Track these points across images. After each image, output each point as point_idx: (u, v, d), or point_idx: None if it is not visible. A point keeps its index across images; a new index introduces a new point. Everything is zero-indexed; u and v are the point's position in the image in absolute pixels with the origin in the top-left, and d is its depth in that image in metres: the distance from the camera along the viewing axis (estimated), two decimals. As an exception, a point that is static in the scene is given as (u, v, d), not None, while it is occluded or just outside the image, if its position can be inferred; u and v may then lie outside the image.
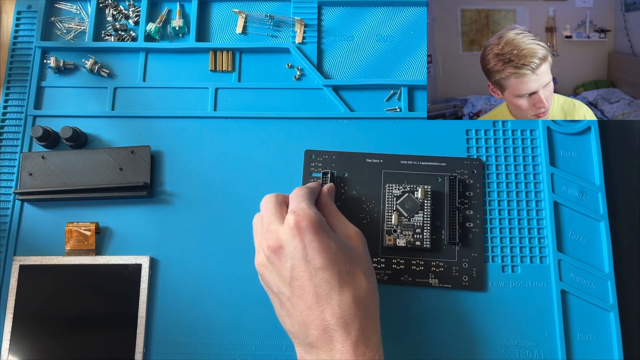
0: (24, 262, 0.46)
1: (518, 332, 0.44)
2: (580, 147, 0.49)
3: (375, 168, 0.47)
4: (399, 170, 0.47)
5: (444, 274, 0.45)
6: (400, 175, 0.47)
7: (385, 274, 0.45)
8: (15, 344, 0.44)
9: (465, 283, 0.45)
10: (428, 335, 0.44)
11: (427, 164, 0.47)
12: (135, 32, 0.54)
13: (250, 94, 0.51)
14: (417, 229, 0.45)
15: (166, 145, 0.50)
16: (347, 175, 0.47)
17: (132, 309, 0.45)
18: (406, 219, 0.45)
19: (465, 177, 0.47)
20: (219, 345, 0.45)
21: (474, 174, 0.47)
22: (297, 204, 0.39)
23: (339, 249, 0.37)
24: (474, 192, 0.47)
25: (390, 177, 0.47)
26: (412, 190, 0.46)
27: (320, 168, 0.47)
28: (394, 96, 0.51)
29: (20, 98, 0.51)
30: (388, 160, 0.47)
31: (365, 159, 0.47)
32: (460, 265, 0.45)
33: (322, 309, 0.36)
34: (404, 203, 0.46)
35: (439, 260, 0.45)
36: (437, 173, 0.47)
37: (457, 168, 0.47)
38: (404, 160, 0.47)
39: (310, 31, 0.53)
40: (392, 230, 0.45)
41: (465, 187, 0.47)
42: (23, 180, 0.48)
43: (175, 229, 0.47)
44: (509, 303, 0.45)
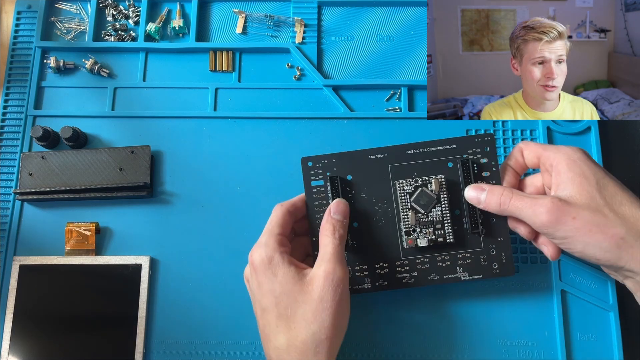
0: (24, 262, 0.46)
1: (518, 332, 0.44)
2: (581, 147, 0.49)
3: (381, 164, 0.42)
4: (406, 162, 0.42)
5: (472, 265, 0.42)
6: (409, 167, 0.42)
7: (411, 277, 0.42)
8: (15, 344, 0.44)
9: (496, 270, 0.42)
10: (428, 335, 0.44)
11: (435, 149, 0.42)
12: (135, 32, 0.54)
13: (250, 94, 0.51)
14: (437, 225, 0.42)
15: (166, 145, 0.50)
16: (351, 178, 0.42)
17: (132, 309, 0.45)
18: (424, 215, 0.42)
19: (478, 156, 0.42)
20: (219, 345, 0.45)
21: (488, 152, 0.42)
22: (261, 236, 0.39)
23: (283, 292, 0.36)
24: (490, 172, 0.42)
25: (398, 171, 0.42)
26: (425, 183, 0.42)
27: (320, 175, 0.42)
28: (394, 96, 0.51)
29: (20, 98, 0.51)
30: (393, 153, 0.42)
31: (368, 156, 0.42)
32: (488, 252, 0.42)
33: (265, 345, 0.38)
34: (419, 199, 0.42)
35: (464, 251, 0.42)
36: (448, 157, 0.42)
37: (469, 148, 0.42)
38: (409, 149, 0.42)
39: (310, 31, 0.53)
40: (411, 230, 0.42)
41: (480, 167, 0.42)
42: (23, 180, 0.48)
43: (175, 229, 0.47)
44: (509, 303, 0.45)
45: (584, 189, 0.36)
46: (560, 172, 0.38)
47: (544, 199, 0.37)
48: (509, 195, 0.38)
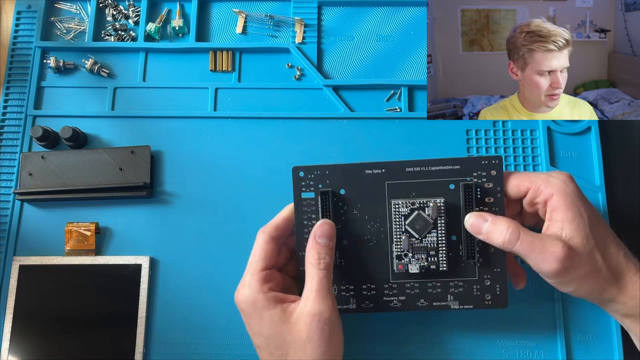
0: (24, 262, 0.46)
1: (518, 332, 0.44)
2: (580, 147, 0.49)
3: (377, 180, 0.39)
4: (405, 180, 0.39)
5: (464, 294, 0.40)
6: (407, 185, 0.39)
7: (398, 301, 0.40)
8: (15, 344, 0.44)
9: (488, 302, 0.40)
10: (428, 336, 0.44)
11: (438, 168, 0.39)
12: (135, 32, 0.54)
13: (250, 94, 0.51)
14: (431, 251, 0.39)
15: (166, 145, 0.50)
16: (344, 193, 0.39)
17: (132, 309, 0.45)
18: (417, 240, 0.39)
19: (483, 180, 0.39)
20: (219, 345, 0.45)
21: (494, 176, 0.38)
22: (246, 271, 0.39)
23: (272, 334, 0.36)
24: (494, 198, 0.39)
25: (395, 189, 0.39)
26: (422, 206, 0.39)
27: (312, 187, 0.39)
28: (394, 96, 0.51)
29: (20, 98, 0.51)
30: (391, 169, 0.39)
31: (364, 170, 0.39)
32: (482, 283, 0.40)
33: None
34: (414, 223, 0.39)
35: (457, 279, 0.40)
36: (450, 179, 0.39)
37: (473, 170, 0.39)
38: (409, 167, 0.39)
39: (310, 31, 0.53)
40: (403, 254, 0.39)
41: (483, 192, 0.39)
42: (23, 180, 0.47)
43: (175, 229, 0.47)
44: (509, 303, 0.45)
45: (580, 230, 0.36)
46: (558, 209, 0.36)
47: (554, 245, 0.35)
48: (516, 234, 0.36)
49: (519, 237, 0.36)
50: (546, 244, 0.36)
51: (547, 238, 0.36)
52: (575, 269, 0.36)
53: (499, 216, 0.38)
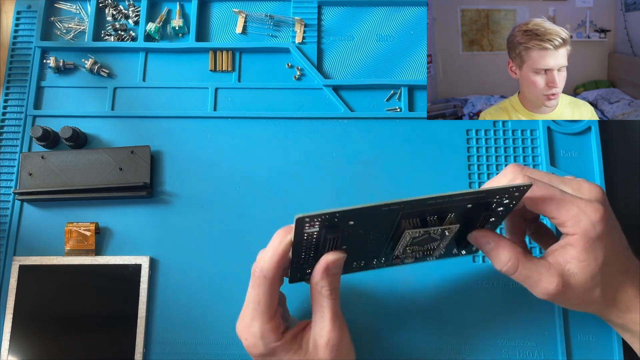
0: (24, 262, 0.46)
1: (518, 332, 0.44)
2: (581, 147, 0.49)
3: (392, 212, 0.34)
4: (422, 208, 0.34)
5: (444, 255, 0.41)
6: (421, 212, 0.35)
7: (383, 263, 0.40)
8: (15, 344, 0.44)
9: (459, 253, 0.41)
10: (428, 335, 0.44)
11: (462, 198, 0.34)
12: (135, 32, 0.54)
13: (250, 94, 0.51)
14: (428, 251, 0.39)
15: (166, 145, 0.50)
16: (353, 224, 0.34)
17: (132, 309, 0.45)
18: (420, 247, 0.38)
19: (503, 199, 0.35)
20: (219, 345, 0.45)
21: (515, 196, 0.35)
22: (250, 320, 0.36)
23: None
24: (505, 207, 0.36)
25: (409, 218, 0.35)
26: (436, 233, 0.36)
27: (317, 225, 0.33)
28: (394, 96, 0.51)
29: (20, 98, 0.51)
30: (410, 206, 0.33)
31: (381, 209, 0.33)
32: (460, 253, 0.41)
33: None
34: (422, 242, 0.37)
35: (444, 258, 0.41)
36: (471, 202, 0.35)
37: (498, 195, 0.34)
38: (431, 201, 0.33)
39: (310, 31, 0.53)
40: (401, 254, 0.39)
41: (497, 204, 0.36)
42: (23, 180, 0.47)
43: (175, 229, 0.47)
44: (509, 303, 0.45)
45: (589, 270, 0.35)
46: (574, 246, 0.35)
47: (549, 282, 0.35)
48: (514, 267, 0.36)
49: (517, 270, 0.36)
50: (541, 279, 0.35)
51: (544, 272, 0.35)
52: (565, 301, 0.37)
53: (501, 240, 0.37)
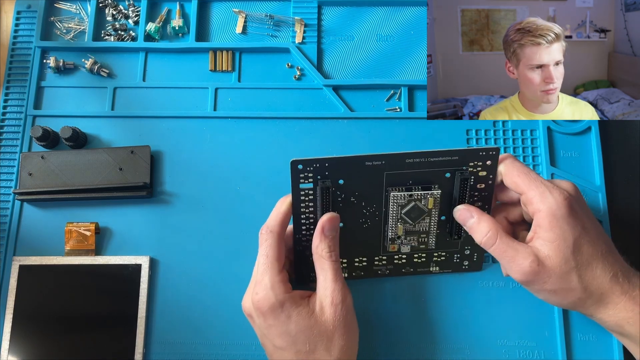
0: (24, 262, 0.46)
1: (518, 332, 0.44)
2: (581, 147, 0.49)
3: (377, 170, 0.39)
4: (404, 170, 0.39)
5: (445, 262, 0.45)
6: (405, 175, 0.39)
7: (387, 269, 0.44)
8: (15, 344, 0.44)
9: (465, 267, 0.45)
10: (428, 336, 0.44)
11: (437, 159, 0.39)
12: (135, 32, 0.54)
13: (250, 94, 0.51)
14: (422, 234, 0.42)
15: (166, 145, 0.50)
16: (343, 182, 0.39)
17: (132, 309, 0.45)
18: (411, 225, 0.42)
19: (478, 169, 0.39)
20: (219, 345, 0.45)
21: (489, 165, 0.39)
22: (261, 273, 0.38)
23: (299, 331, 0.37)
24: (485, 184, 0.40)
25: (393, 179, 0.40)
26: (420, 198, 0.40)
27: (310, 178, 0.39)
28: (394, 96, 0.51)
29: (20, 98, 0.51)
30: (391, 161, 0.39)
31: (364, 162, 0.38)
32: (462, 252, 0.44)
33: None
34: (410, 213, 0.41)
35: (441, 251, 0.44)
36: (448, 168, 0.39)
37: (471, 160, 0.39)
38: (409, 158, 0.38)
39: (310, 31, 0.53)
40: (396, 237, 0.42)
41: (477, 179, 0.40)
42: (23, 180, 0.47)
43: (175, 229, 0.47)
44: (509, 303, 0.45)
45: (560, 251, 0.36)
46: (542, 226, 0.37)
47: (524, 259, 0.37)
48: (493, 239, 0.38)
49: (495, 243, 0.38)
50: (517, 255, 0.37)
51: (521, 249, 0.37)
52: (541, 284, 0.37)
53: (484, 215, 0.39)
